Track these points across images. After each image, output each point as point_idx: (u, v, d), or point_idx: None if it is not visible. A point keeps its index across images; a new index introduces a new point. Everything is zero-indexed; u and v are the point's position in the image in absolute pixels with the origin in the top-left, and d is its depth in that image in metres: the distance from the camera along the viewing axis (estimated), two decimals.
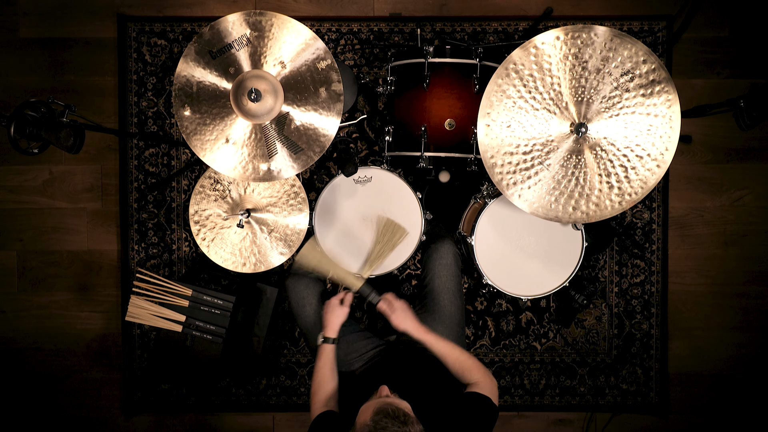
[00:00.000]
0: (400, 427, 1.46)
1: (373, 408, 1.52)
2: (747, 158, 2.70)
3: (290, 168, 1.89)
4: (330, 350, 1.95)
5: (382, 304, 1.99)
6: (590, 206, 1.86)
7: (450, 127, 2.18)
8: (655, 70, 1.77)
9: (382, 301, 1.99)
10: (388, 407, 1.51)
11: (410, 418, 1.50)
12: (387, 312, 1.97)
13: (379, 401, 1.56)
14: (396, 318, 1.95)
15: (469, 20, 2.66)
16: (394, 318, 1.95)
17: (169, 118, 2.69)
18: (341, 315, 1.99)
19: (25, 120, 1.76)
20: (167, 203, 2.70)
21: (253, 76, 1.84)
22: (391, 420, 1.47)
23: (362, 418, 1.51)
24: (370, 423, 1.47)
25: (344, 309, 1.99)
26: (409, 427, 1.47)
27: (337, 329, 1.97)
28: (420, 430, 1.49)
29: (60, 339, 2.74)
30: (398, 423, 1.46)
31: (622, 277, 2.70)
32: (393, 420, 1.47)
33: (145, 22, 2.67)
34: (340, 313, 1.99)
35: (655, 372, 2.72)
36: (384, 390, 1.64)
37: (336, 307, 1.99)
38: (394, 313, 1.96)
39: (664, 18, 2.65)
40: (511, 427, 2.74)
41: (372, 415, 1.49)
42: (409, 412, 1.53)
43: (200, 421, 2.74)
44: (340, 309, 1.99)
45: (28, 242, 2.72)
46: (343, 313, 1.99)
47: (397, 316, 1.95)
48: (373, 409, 1.51)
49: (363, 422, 1.50)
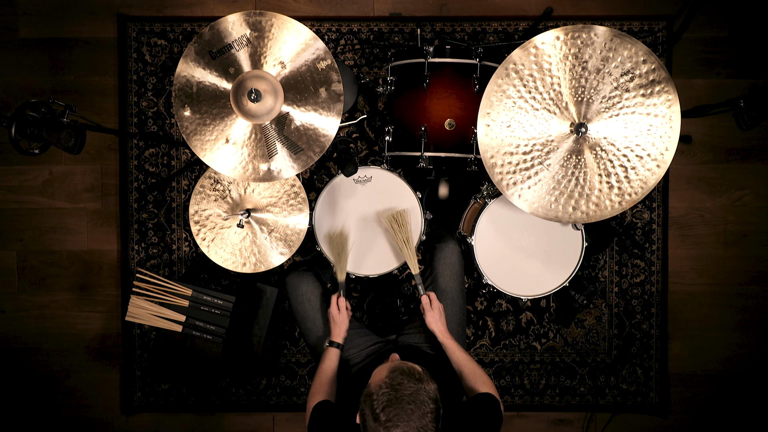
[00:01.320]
0: (416, 383, 1.49)
1: (388, 368, 1.55)
2: (747, 158, 2.70)
3: (290, 168, 1.89)
4: (335, 354, 1.99)
5: (425, 298, 2.03)
6: (590, 206, 1.86)
7: (450, 127, 2.18)
8: (655, 70, 1.77)
9: (426, 295, 2.03)
10: (403, 365, 1.55)
11: (424, 376, 1.53)
12: (425, 307, 2.01)
13: (393, 363, 1.59)
14: (431, 315, 1.99)
15: (469, 20, 2.66)
16: (430, 315, 1.99)
17: (169, 118, 2.69)
18: (345, 322, 2.03)
19: (26, 120, 1.76)
20: (167, 203, 2.70)
21: (253, 76, 1.84)
22: (407, 377, 1.50)
23: (377, 377, 1.54)
24: (387, 380, 1.50)
25: (343, 315, 2.03)
26: (424, 384, 1.50)
27: (343, 334, 2.02)
28: (434, 388, 1.52)
29: (60, 339, 2.74)
30: (414, 380, 1.49)
31: (622, 277, 2.70)
32: (409, 377, 1.50)
33: (145, 22, 2.67)
34: (342, 320, 2.03)
35: (655, 372, 2.72)
36: (395, 356, 1.70)
37: (336, 316, 2.03)
38: (431, 311, 2.00)
39: (664, 18, 2.65)
40: (511, 427, 2.74)
41: (388, 373, 1.52)
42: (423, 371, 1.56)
43: (200, 421, 2.74)
44: (340, 316, 2.03)
45: (28, 242, 2.72)
46: (344, 319, 2.03)
47: (433, 314, 1.99)
48: (388, 368, 1.54)
49: (378, 380, 1.52)
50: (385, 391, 1.47)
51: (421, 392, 1.47)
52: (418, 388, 1.48)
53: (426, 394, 1.48)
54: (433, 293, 2.04)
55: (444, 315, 2.01)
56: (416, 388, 1.48)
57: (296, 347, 2.72)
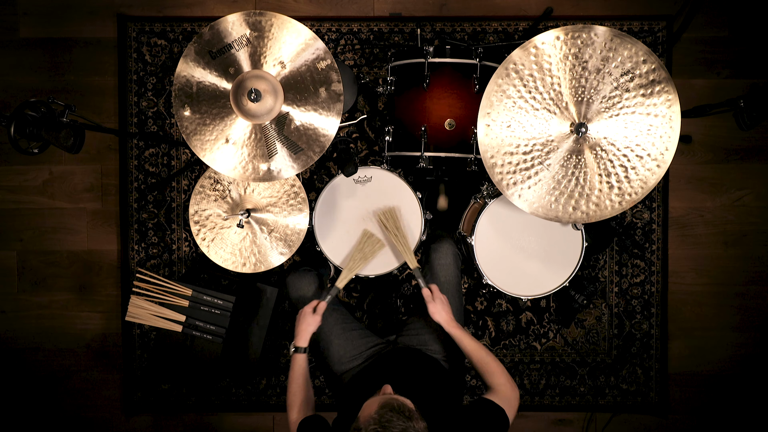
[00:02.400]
0: (405, 421, 1.47)
1: (378, 402, 1.53)
2: (747, 158, 2.70)
3: (290, 168, 1.89)
4: (302, 360, 1.94)
5: (426, 291, 1.99)
6: (590, 206, 1.86)
7: (450, 127, 2.18)
8: (655, 70, 1.77)
9: (427, 288, 2.00)
10: (394, 401, 1.52)
11: (414, 413, 1.51)
12: (427, 299, 1.97)
13: (383, 397, 1.57)
14: (434, 307, 1.95)
15: (469, 20, 2.66)
16: (432, 306, 1.95)
17: (169, 118, 2.69)
18: (313, 323, 1.97)
19: (25, 120, 1.76)
20: (167, 203, 2.70)
21: (252, 76, 1.84)
22: (396, 414, 1.48)
23: (366, 412, 1.53)
24: (376, 416, 1.49)
25: (316, 318, 1.98)
26: (413, 422, 1.48)
27: (308, 338, 1.96)
28: (423, 427, 1.50)
29: (60, 339, 2.74)
30: (403, 417, 1.48)
31: (622, 277, 2.70)
32: (398, 414, 1.48)
33: (145, 22, 2.67)
34: (312, 321, 1.97)
35: (655, 372, 2.72)
36: (387, 388, 1.66)
37: (308, 315, 1.97)
38: (433, 303, 1.96)
39: (664, 18, 2.65)
40: (511, 427, 2.73)
41: (377, 409, 1.51)
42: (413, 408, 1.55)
43: (200, 421, 2.74)
44: (312, 317, 1.97)
45: (28, 242, 2.72)
46: (315, 321, 1.97)
47: (435, 305, 1.95)
48: (378, 404, 1.53)
49: (368, 415, 1.51)
50: (374, 427, 1.46)
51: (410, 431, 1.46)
52: (407, 427, 1.46)
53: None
54: (435, 285, 2.01)
55: (448, 305, 1.97)
56: (405, 426, 1.46)
57: None
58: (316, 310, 1.99)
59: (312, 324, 1.97)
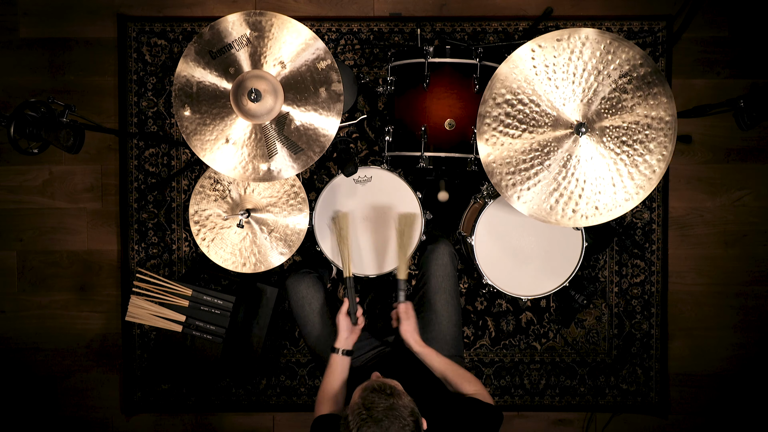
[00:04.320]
0: (387, 399, 1.50)
1: (361, 388, 1.57)
2: (747, 158, 2.70)
3: (290, 168, 1.89)
4: (345, 363, 1.95)
5: (402, 306, 2.02)
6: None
7: (450, 127, 2.18)
8: (652, 73, 1.77)
9: (405, 304, 2.03)
10: (374, 383, 1.56)
11: (396, 390, 1.54)
12: (402, 315, 2.00)
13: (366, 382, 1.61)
14: (408, 325, 1.98)
15: (469, 20, 2.66)
16: (406, 324, 1.99)
17: (169, 118, 2.69)
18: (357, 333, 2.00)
19: (25, 120, 1.76)
20: (167, 203, 2.70)
21: (253, 76, 1.84)
22: (378, 393, 1.52)
23: (353, 400, 1.56)
24: (359, 400, 1.52)
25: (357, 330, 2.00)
26: (395, 399, 1.51)
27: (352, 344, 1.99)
28: (409, 401, 1.53)
29: (60, 339, 2.74)
30: (384, 396, 1.51)
31: (622, 277, 2.70)
32: (379, 393, 1.52)
33: (145, 22, 2.67)
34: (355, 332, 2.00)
35: (655, 372, 2.72)
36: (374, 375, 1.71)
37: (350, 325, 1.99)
38: (407, 320, 1.99)
39: (664, 18, 2.65)
40: (511, 427, 2.74)
41: (360, 393, 1.55)
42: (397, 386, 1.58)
43: (200, 421, 2.74)
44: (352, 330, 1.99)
45: (28, 242, 2.72)
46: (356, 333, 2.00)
47: (409, 324, 1.98)
48: (361, 389, 1.56)
49: (353, 402, 1.54)
50: (358, 411, 1.49)
51: (395, 407, 1.49)
52: (391, 404, 1.49)
53: (402, 407, 1.50)
54: (410, 302, 2.04)
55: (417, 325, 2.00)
56: (388, 404, 1.49)
57: (296, 347, 2.72)
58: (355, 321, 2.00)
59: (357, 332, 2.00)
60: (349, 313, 2.00)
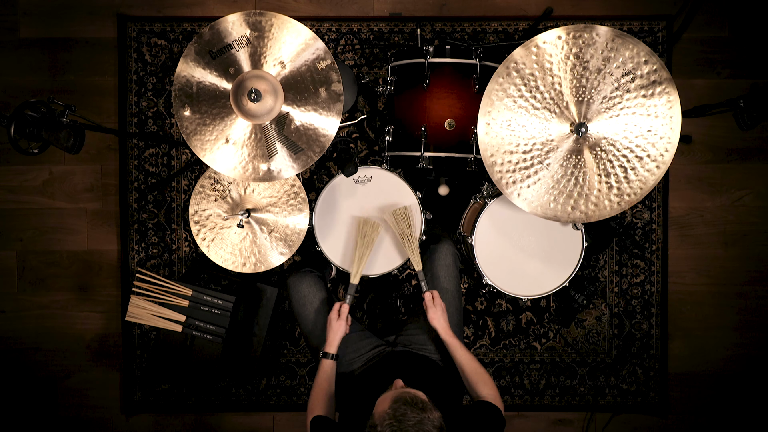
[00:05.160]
0: (419, 413, 1.48)
1: (391, 397, 1.54)
2: (747, 158, 2.70)
3: (290, 168, 1.89)
4: (329, 366, 1.96)
5: (428, 294, 2.02)
6: (589, 206, 1.86)
7: (450, 127, 2.18)
8: (656, 70, 1.77)
9: (429, 292, 2.02)
10: (406, 395, 1.53)
11: (428, 404, 1.52)
12: (428, 304, 2.00)
13: (396, 391, 1.58)
14: (434, 312, 1.98)
15: (469, 20, 2.66)
16: (432, 312, 1.98)
17: (169, 118, 2.69)
18: (340, 329, 1.99)
19: (25, 120, 1.76)
20: (167, 203, 2.70)
21: (253, 76, 1.84)
22: (410, 407, 1.49)
23: (380, 408, 1.54)
24: (390, 411, 1.50)
25: (341, 322, 1.99)
26: (427, 413, 1.49)
27: (336, 344, 1.98)
28: (438, 416, 1.51)
29: (60, 339, 2.74)
30: (417, 410, 1.49)
31: (622, 277, 2.70)
32: (412, 407, 1.49)
33: (145, 22, 2.67)
34: (338, 327, 1.99)
35: (655, 372, 2.72)
36: (399, 383, 1.68)
37: (334, 321, 1.99)
38: (433, 308, 1.99)
39: (664, 18, 2.65)
40: (511, 427, 2.73)
41: (391, 404, 1.52)
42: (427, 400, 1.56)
43: (200, 421, 2.74)
44: (338, 323, 1.99)
45: (28, 242, 2.72)
46: (341, 326, 1.99)
47: (435, 311, 1.99)
48: (391, 398, 1.54)
49: (382, 411, 1.52)
50: (389, 422, 1.47)
51: (425, 422, 1.47)
52: (422, 418, 1.47)
53: (430, 423, 1.48)
54: (435, 291, 2.03)
55: (446, 313, 2.00)
56: (420, 418, 1.47)
57: (296, 347, 2.72)
58: (340, 313, 2.00)
59: (339, 330, 1.99)
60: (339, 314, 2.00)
